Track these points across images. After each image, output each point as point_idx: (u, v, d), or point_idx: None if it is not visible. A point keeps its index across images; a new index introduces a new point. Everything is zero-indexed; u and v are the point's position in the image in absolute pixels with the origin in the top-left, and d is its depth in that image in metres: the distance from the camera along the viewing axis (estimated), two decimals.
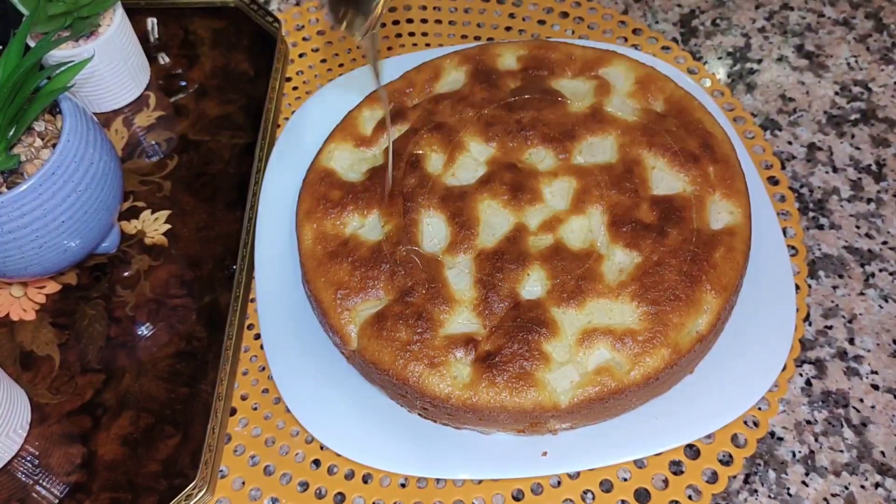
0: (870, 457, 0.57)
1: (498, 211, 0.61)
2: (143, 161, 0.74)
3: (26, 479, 0.58)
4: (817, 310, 0.64)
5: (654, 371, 0.54)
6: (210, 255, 0.68)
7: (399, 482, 0.57)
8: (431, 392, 0.54)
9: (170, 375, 0.62)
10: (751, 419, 0.59)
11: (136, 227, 0.70)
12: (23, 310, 0.66)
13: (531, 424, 0.55)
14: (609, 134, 0.64)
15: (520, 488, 0.57)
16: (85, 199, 0.57)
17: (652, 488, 0.56)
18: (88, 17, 0.69)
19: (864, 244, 0.67)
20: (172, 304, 0.66)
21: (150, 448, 0.59)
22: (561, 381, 0.54)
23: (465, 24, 0.83)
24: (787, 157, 0.72)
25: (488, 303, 0.56)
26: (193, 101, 0.78)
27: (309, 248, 0.62)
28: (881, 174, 0.71)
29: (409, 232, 0.60)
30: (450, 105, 0.66)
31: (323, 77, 0.80)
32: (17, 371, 0.63)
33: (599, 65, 0.69)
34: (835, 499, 0.56)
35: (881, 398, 0.59)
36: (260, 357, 0.64)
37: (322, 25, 0.84)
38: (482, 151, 0.64)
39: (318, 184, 0.64)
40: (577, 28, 0.82)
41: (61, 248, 0.58)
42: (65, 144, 0.56)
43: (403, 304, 0.57)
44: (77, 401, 0.61)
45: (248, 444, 0.60)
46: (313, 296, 0.60)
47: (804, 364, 0.61)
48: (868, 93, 0.76)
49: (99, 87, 0.74)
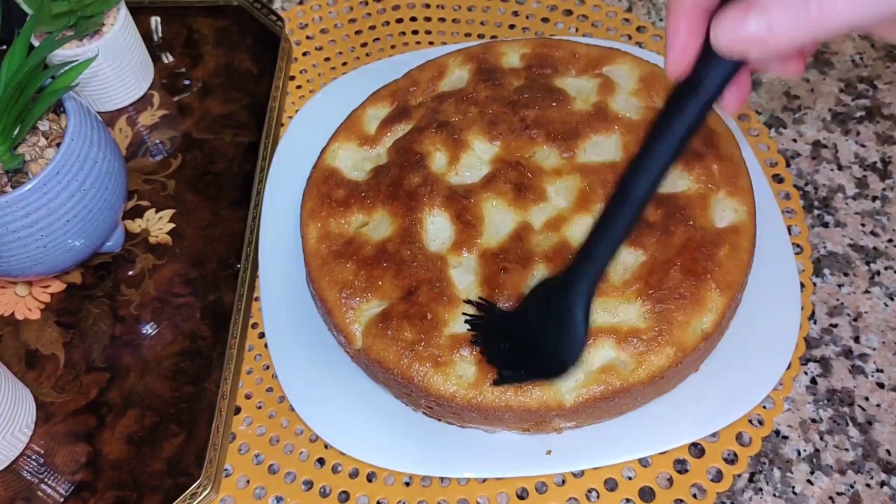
0: (875, 455, 0.57)
1: (502, 210, 0.60)
2: (147, 160, 0.74)
3: (31, 477, 0.58)
4: (822, 308, 0.64)
5: (658, 370, 0.54)
6: (214, 253, 0.68)
7: (403, 481, 0.57)
8: (436, 391, 0.54)
9: (174, 374, 0.62)
10: (756, 418, 0.59)
11: (141, 226, 0.70)
12: (27, 309, 0.66)
13: (536, 423, 0.55)
14: (613, 132, 0.64)
15: (524, 487, 0.57)
16: (89, 198, 0.57)
17: (656, 487, 0.56)
18: (92, 16, 0.69)
19: (870, 242, 0.67)
20: (177, 302, 0.66)
21: (154, 447, 0.59)
22: (566, 380, 0.54)
23: (469, 22, 0.83)
24: (792, 154, 0.72)
25: (493, 302, 0.56)
26: (197, 99, 0.78)
27: (313, 247, 0.62)
28: (886, 172, 0.71)
29: (413, 231, 0.60)
30: (454, 103, 0.66)
31: (326, 76, 0.80)
32: (21, 370, 0.63)
33: (603, 63, 0.68)
34: (840, 497, 0.55)
35: (887, 396, 0.59)
36: (264, 356, 0.64)
37: (325, 24, 0.84)
38: (486, 150, 0.64)
39: (323, 183, 0.64)
40: (580, 26, 0.82)
41: (66, 247, 0.58)
42: (69, 144, 0.56)
43: (408, 304, 0.57)
44: (82, 399, 0.61)
45: (252, 442, 0.60)
46: (318, 295, 0.60)
47: (809, 362, 0.61)
48: (873, 90, 0.76)
49: (103, 86, 0.75)
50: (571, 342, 0.48)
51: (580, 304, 0.47)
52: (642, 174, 0.42)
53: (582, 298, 0.47)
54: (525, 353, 0.52)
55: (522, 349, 0.52)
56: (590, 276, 0.46)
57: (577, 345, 0.48)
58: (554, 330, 0.49)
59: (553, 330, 0.49)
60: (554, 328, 0.49)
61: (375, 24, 0.84)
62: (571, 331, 0.48)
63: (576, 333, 0.48)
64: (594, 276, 0.46)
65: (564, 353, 0.49)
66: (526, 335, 0.52)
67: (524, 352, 0.52)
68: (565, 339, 0.48)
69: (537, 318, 0.51)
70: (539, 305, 0.51)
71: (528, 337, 0.52)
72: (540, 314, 0.51)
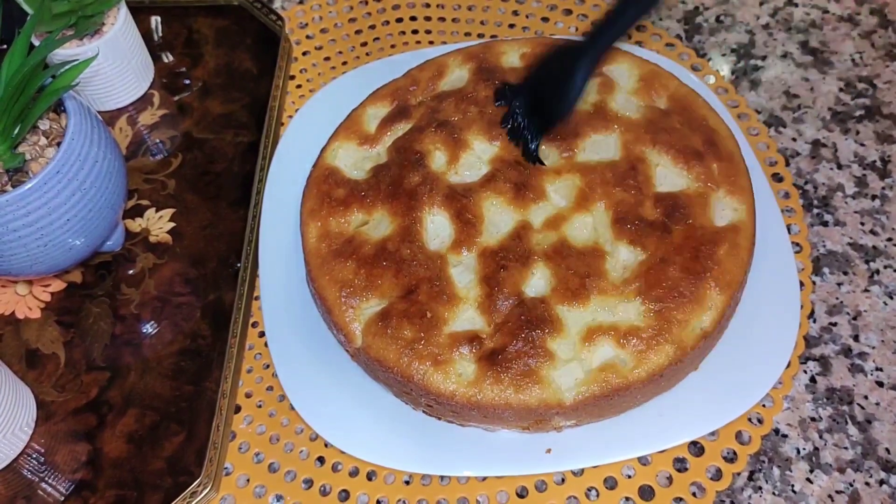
0: (874, 454, 0.57)
1: (502, 209, 0.61)
2: (147, 159, 0.74)
3: (32, 476, 0.58)
4: (822, 307, 0.64)
5: (658, 368, 0.54)
6: (214, 253, 0.68)
7: (403, 479, 0.58)
8: (436, 389, 0.54)
9: (174, 373, 0.62)
10: (755, 416, 0.59)
11: (141, 226, 0.70)
12: (28, 308, 0.66)
13: (536, 422, 0.55)
14: (613, 131, 0.64)
15: (524, 485, 0.57)
16: (90, 197, 0.58)
17: (656, 485, 0.56)
18: (92, 15, 0.69)
19: (869, 241, 0.67)
20: (177, 301, 0.66)
21: (155, 445, 0.59)
22: (565, 379, 0.54)
23: (469, 21, 0.83)
24: (792, 153, 0.72)
25: (493, 300, 0.56)
26: (197, 99, 0.78)
27: (313, 246, 0.62)
28: (886, 171, 0.71)
29: (413, 230, 0.60)
30: (454, 103, 0.66)
31: (326, 75, 0.80)
32: (22, 369, 0.63)
33: (603, 62, 0.68)
34: (839, 496, 0.56)
35: (886, 395, 0.59)
36: (264, 355, 0.64)
37: (325, 23, 0.84)
38: (486, 149, 0.64)
39: (323, 182, 0.65)
40: (580, 25, 0.82)
41: (66, 246, 0.58)
42: (69, 143, 0.56)
43: (408, 302, 0.57)
44: (82, 398, 0.61)
45: (252, 441, 0.60)
46: (318, 294, 0.60)
47: (809, 361, 0.61)
48: (873, 89, 0.76)
49: (103, 86, 0.75)
50: (565, 102, 0.57)
51: (582, 69, 0.56)
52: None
53: (586, 63, 0.56)
54: (532, 107, 0.62)
55: (531, 104, 0.62)
56: (599, 44, 0.56)
57: (568, 105, 0.57)
58: (554, 88, 0.59)
59: (553, 88, 0.59)
60: (554, 87, 0.59)
61: (375, 24, 0.84)
62: (568, 91, 0.57)
63: (570, 95, 0.58)
64: (601, 47, 0.56)
65: (556, 111, 0.58)
66: (534, 92, 0.62)
67: (532, 106, 0.62)
68: (563, 98, 0.58)
69: (546, 76, 0.61)
70: (552, 66, 0.60)
71: (536, 92, 0.62)
72: (549, 74, 0.61)
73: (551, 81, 0.60)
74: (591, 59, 0.57)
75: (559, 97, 0.59)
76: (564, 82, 0.58)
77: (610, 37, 0.57)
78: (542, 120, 0.61)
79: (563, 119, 0.60)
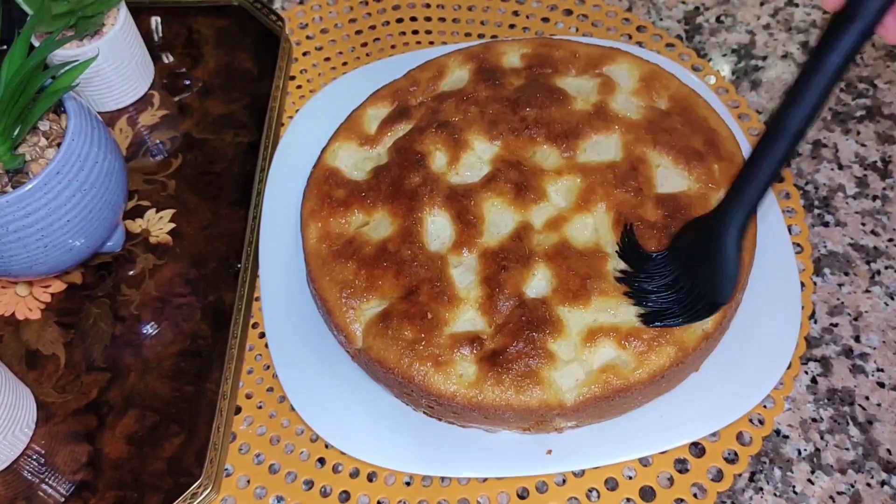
0: (876, 455, 0.57)
1: (502, 209, 0.60)
2: (147, 160, 0.74)
3: (32, 477, 0.58)
4: (823, 307, 0.64)
5: (659, 369, 0.54)
6: (214, 253, 0.68)
7: (404, 480, 0.57)
8: (437, 390, 0.54)
9: (175, 374, 0.62)
10: (756, 417, 0.59)
11: (141, 226, 0.70)
12: (28, 309, 0.66)
13: (536, 423, 0.55)
14: (613, 132, 0.64)
15: (525, 486, 0.57)
16: (90, 198, 0.57)
17: (657, 486, 0.56)
18: (92, 16, 0.69)
19: (870, 241, 0.67)
20: (177, 302, 0.66)
21: (155, 446, 0.59)
22: (566, 380, 0.54)
23: (469, 22, 0.83)
24: (792, 154, 0.72)
25: (493, 301, 0.56)
26: (197, 99, 0.78)
27: (314, 247, 0.62)
28: (887, 171, 0.71)
29: (413, 230, 0.60)
30: (454, 103, 0.66)
31: (326, 75, 0.80)
32: (22, 370, 0.63)
33: (603, 62, 0.68)
34: (840, 497, 0.55)
35: (887, 396, 0.59)
36: (265, 356, 0.64)
37: (325, 24, 0.84)
38: (486, 150, 0.64)
39: (323, 182, 0.64)
40: (580, 25, 0.82)
41: (66, 247, 0.58)
42: (69, 144, 0.56)
43: (408, 303, 0.57)
44: (82, 399, 0.61)
45: (253, 442, 0.60)
46: (318, 294, 0.60)
47: (810, 362, 0.61)
48: (873, 89, 0.76)
49: (103, 87, 0.75)
50: (722, 280, 0.48)
51: (732, 239, 0.47)
52: (798, 106, 0.42)
53: (734, 233, 0.47)
54: (677, 292, 0.53)
55: (673, 289, 0.53)
56: (742, 209, 0.47)
57: (728, 282, 0.48)
58: (705, 268, 0.50)
59: (704, 268, 0.50)
60: (705, 267, 0.50)
61: (375, 24, 0.84)
62: (722, 268, 0.48)
63: (727, 271, 0.48)
64: (747, 210, 0.47)
65: (715, 293, 0.49)
66: (677, 275, 0.53)
67: (675, 291, 0.53)
68: (717, 277, 0.48)
69: (688, 256, 0.52)
70: (690, 244, 0.52)
71: (679, 277, 0.52)
72: (691, 253, 0.51)
73: (695, 258, 0.52)
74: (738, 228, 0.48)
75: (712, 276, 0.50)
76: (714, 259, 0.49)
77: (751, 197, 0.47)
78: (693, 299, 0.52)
79: (726, 300, 0.51)
